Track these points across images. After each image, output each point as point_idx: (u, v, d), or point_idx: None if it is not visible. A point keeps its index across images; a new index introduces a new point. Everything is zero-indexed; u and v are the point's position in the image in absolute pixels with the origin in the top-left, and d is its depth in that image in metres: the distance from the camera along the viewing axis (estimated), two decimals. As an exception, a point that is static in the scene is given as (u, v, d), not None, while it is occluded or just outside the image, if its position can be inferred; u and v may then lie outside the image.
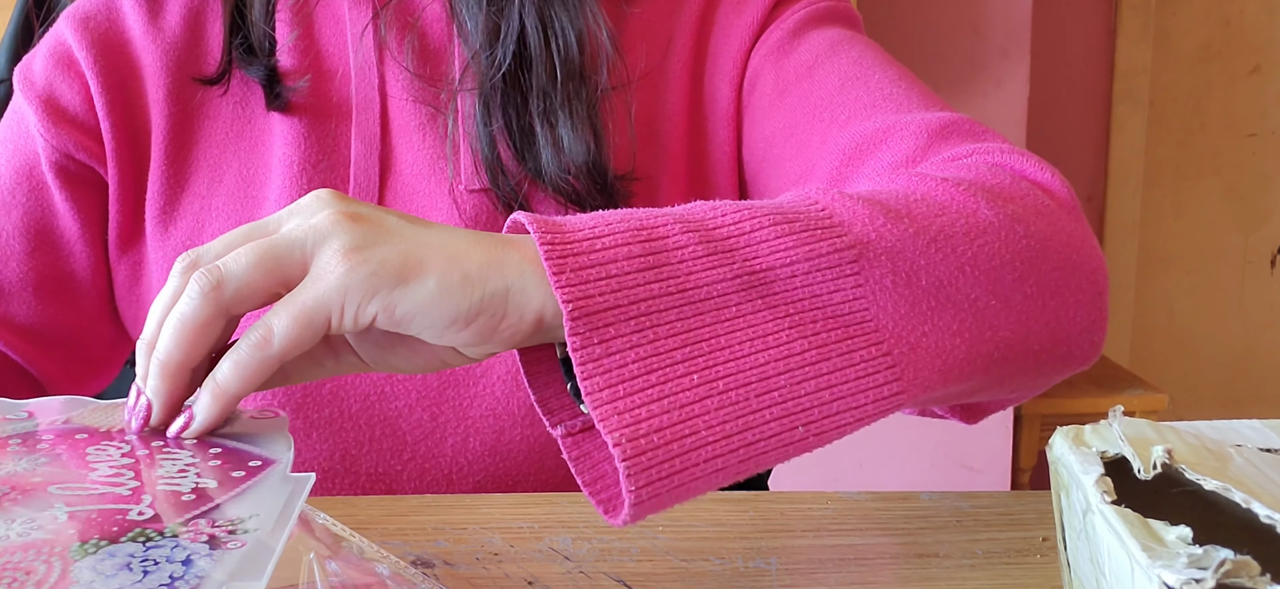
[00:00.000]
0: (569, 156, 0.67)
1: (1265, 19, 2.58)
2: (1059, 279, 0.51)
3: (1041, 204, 0.53)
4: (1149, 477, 0.38)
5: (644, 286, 0.42)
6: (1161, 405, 2.16)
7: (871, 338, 0.44)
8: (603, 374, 0.40)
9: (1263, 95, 2.60)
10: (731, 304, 0.43)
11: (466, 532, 0.55)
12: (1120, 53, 2.53)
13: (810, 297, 0.44)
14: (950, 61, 2.09)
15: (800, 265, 0.44)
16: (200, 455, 0.43)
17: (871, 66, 0.68)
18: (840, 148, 0.64)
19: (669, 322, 0.42)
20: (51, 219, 0.71)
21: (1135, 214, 2.59)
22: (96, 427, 0.45)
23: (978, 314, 0.48)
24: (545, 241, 0.42)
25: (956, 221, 0.49)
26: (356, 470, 0.68)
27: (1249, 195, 2.64)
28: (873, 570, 0.52)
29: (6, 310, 0.70)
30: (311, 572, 0.40)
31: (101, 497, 0.38)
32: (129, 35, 0.72)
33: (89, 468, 0.41)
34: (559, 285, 0.41)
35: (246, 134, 0.72)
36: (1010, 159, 0.56)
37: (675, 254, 0.43)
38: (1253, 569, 0.31)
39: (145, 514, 0.37)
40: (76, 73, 0.71)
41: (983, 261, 0.48)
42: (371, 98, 0.71)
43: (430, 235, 0.44)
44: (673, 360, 0.41)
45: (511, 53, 0.67)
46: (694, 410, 0.41)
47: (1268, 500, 0.35)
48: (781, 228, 0.45)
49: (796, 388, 0.42)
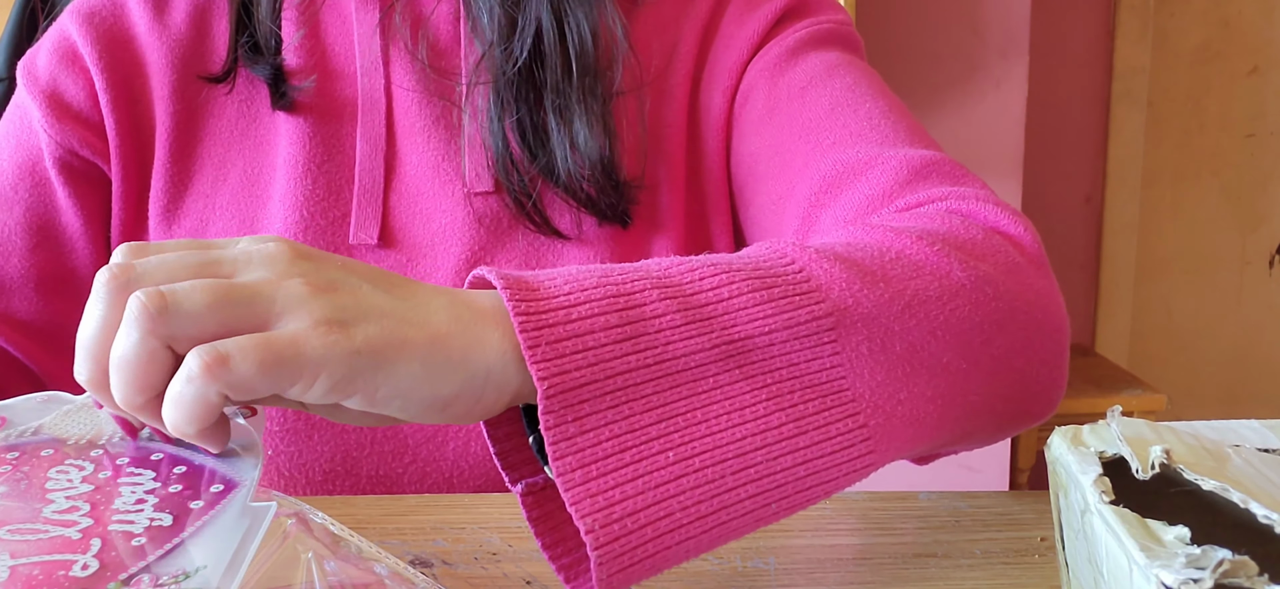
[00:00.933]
0: (583, 154, 0.67)
1: (1263, 20, 2.58)
2: (1025, 340, 0.51)
3: (1011, 260, 0.53)
4: (1147, 477, 0.38)
5: (620, 359, 0.40)
6: (1160, 406, 2.16)
7: (848, 408, 0.44)
8: (576, 454, 0.39)
9: (1261, 96, 2.61)
10: (709, 374, 0.42)
11: (465, 531, 0.55)
12: (1119, 53, 2.53)
13: (788, 366, 0.43)
14: (949, 61, 2.09)
15: (779, 333, 0.43)
16: (164, 475, 0.42)
17: (863, 95, 0.68)
18: (820, 173, 0.64)
19: (645, 395, 0.40)
20: (54, 215, 0.71)
21: (1134, 214, 2.59)
22: (65, 438, 0.44)
23: (950, 378, 0.48)
24: (519, 311, 0.40)
25: (930, 284, 0.48)
26: (358, 473, 0.68)
27: (1247, 196, 2.64)
28: (871, 570, 0.52)
29: (7, 306, 0.70)
30: (309, 571, 0.40)
31: (50, 542, 0.38)
32: (134, 31, 0.72)
33: (45, 498, 0.40)
34: (534, 361, 0.39)
35: (251, 133, 0.71)
36: (983, 209, 0.56)
37: (652, 323, 0.41)
38: (1250, 569, 0.31)
39: (90, 567, 0.36)
40: (81, 68, 0.71)
41: (954, 325, 0.48)
42: (377, 98, 0.71)
43: (409, 309, 0.41)
44: (648, 436, 0.40)
45: (528, 47, 0.67)
46: (669, 490, 0.40)
47: (1266, 500, 0.35)
48: (760, 295, 0.43)
49: (773, 464, 0.42)
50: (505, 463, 0.46)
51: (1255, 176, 2.63)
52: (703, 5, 0.74)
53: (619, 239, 0.70)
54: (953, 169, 0.61)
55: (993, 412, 0.51)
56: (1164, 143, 2.61)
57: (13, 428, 0.45)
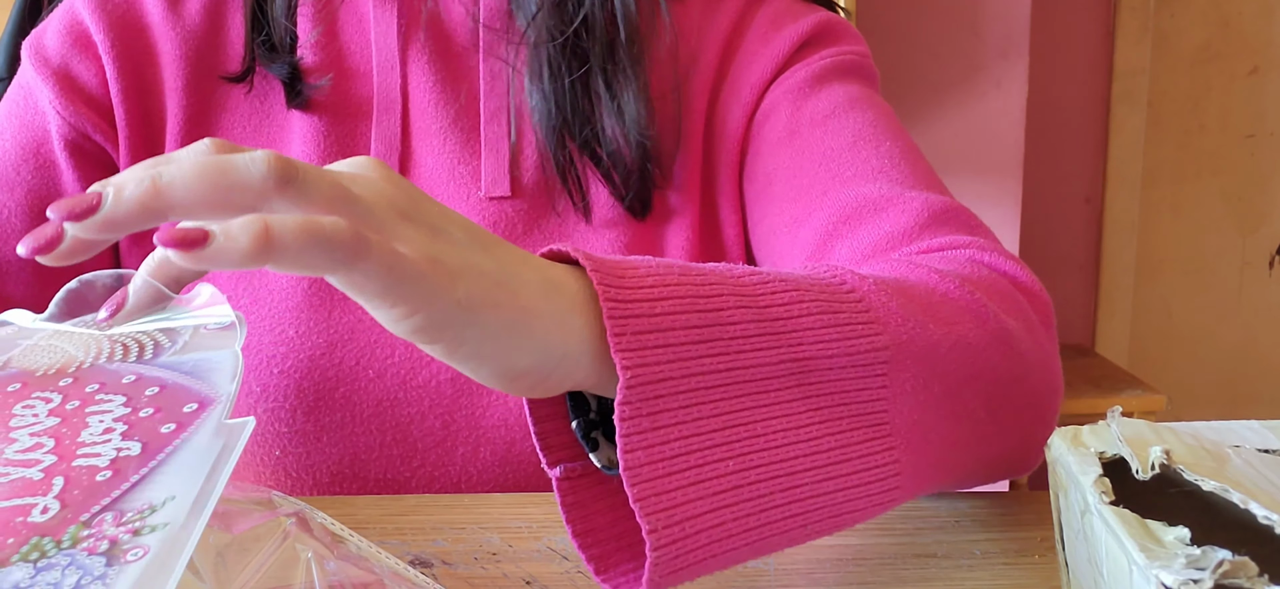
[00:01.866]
0: (630, 127, 0.68)
1: (1264, 20, 2.58)
2: (1033, 399, 0.53)
3: (1028, 318, 0.55)
4: (1147, 477, 0.38)
5: (697, 360, 0.41)
6: (1160, 406, 2.16)
7: (887, 441, 0.45)
8: (646, 450, 0.39)
9: (1261, 96, 2.61)
10: (772, 388, 0.42)
11: (465, 532, 0.55)
12: (1119, 54, 2.53)
13: (840, 391, 0.44)
14: (949, 62, 2.09)
15: (839, 359, 0.44)
16: (134, 400, 0.38)
17: (883, 134, 0.69)
18: (839, 204, 0.65)
19: (714, 400, 0.41)
20: (58, 198, 0.70)
21: (1134, 215, 2.59)
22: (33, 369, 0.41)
23: (972, 427, 0.50)
24: (608, 297, 0.40)
25: (970, 331, 0.50)
26: (365, 476, 0.68)
27: (1247, 196, 2.64)
28: (871, 570, 0.52)
29: (5, 289, 0.68)
30: (309, 571, 0.40)
31: (10, 486, 0.35)
32: (148, 21, 0.71)
33: (9, 438, 0.37)
34: (619, 349, 0.39)
35: (264, 130, 0.71)
36: (1003, 262, 0.58)
37: (729, 329, 0.42)
38: (1250, 570, 0.31)
39: (50, 510, 0.34)
40: (92, 52, 0.70)
41: (985, 375, 0.50)
42: (394, 99, 0.71)
43: (504, 273, 0.39)
44: (713, 442, 0.40)
45: (585, 8, 0.68)
46: (726, 498, 0.40)
47: (1265, 501, 0.35)
48: (826, 318, 0.44)
49: (817, 487, 0.43)
50: (544, 444, 0.46)
51: (1255, 177, 2.63)
52: (726, 17, 0.74)
53: (634, 235, 0.70)
54: (969, 218, 0.63)
55: (992, 462, 0.53)
56: (1164, 143, 2.61)
57: None
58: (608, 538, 0.45)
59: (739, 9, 0.75)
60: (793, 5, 0.75)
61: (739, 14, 0.75)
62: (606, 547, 0.45)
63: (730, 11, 0.75)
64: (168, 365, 0.40)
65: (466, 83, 0.71)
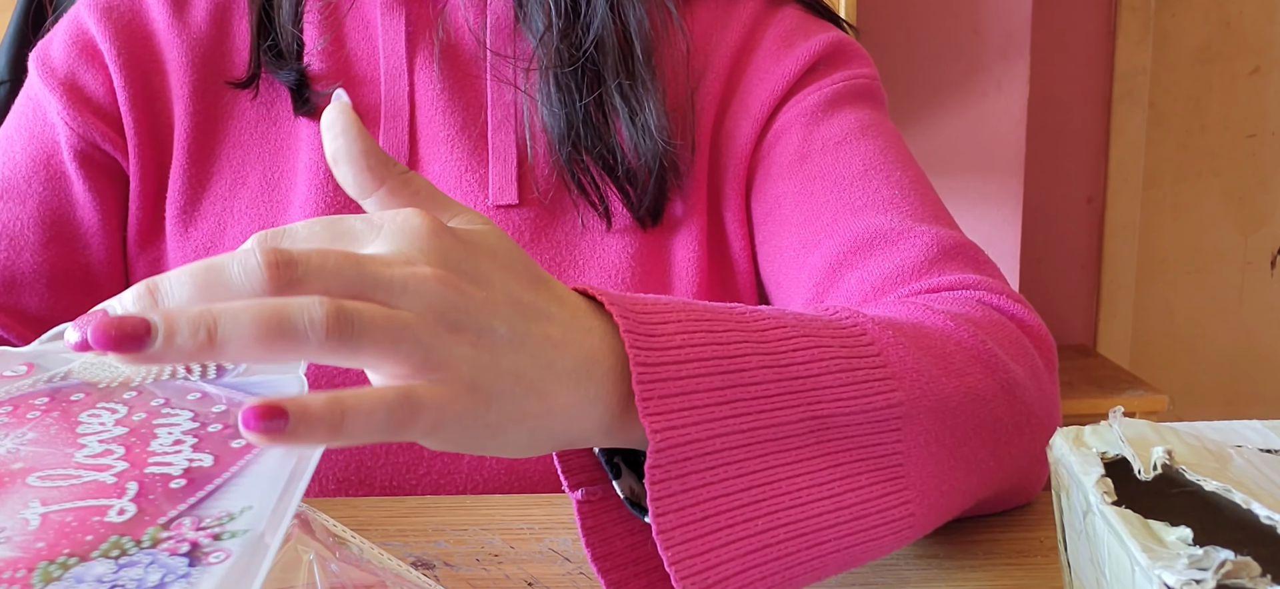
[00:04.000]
0: (653, 137, 0.68)
1: (1265, 20, 2.58)
2: (1033, 445, 0.54)
3: (1033, 363, 0.56)
4: (1149, 478, 0.38)
5: (722, 422, 0.41)
6: (1161, 406, 2.16)
7: (902, 494, 0.46)
8: (678, 512, 0.40)
9: (1262, 96, 2.60)
10: (794, 446, 0.43)
11: (467, 533, 0.55)
12: (1120, 53, 2.53)
13: (859, 446, 0.45)
14: (950, 62, 2.09)
15: (857, 416, 0.45)
16: (202, 415, 0.40)
17: (894, 163, 0.69)
18: (851, 233, 0.65)
19: (739, 459, 0.42)
20: (70, 210, 0.69)
21: (1135, 215, 2.59)
22: (96, 382, 0.42)
23: (980, 477, 0.51)
24: (638, 361, 0.40)
25: (981, 382, 0.51)
26: (371, 482, 0.68)
27: (1249, 196, 2.64)
28: (872, 571, 0.52)
29: (19, 302, 0.68)
30: (311, 572, 0.40)
31: (83, 487, 0.36)
32: (153, 28, 0.71)
33: (77, 443, 0.39)
34: (647, 412, 0.40)
35: (271, 137, 0.71)
36: (1010, 305, 0.59)
37: (751, 389, 0.42)
38: (1253, 570, 0.31)
39: (127, 512, 0.35)
40: (99, 62, 0.70)
41: (992, 425, 0.51)
42: (401, 106, 0.71)
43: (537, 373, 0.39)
44: (741, 503, 0.41)
45: (596, 29, 0.67)
46: (755, 559, 0.41)
47: (1268, 501, 0.35)
48: (845, 375, 0.45)
49: (841, 541, 0.44)
50: (565, 467, 0.46)
51: (1256, 177, 2.63)
52: (736, 29, 0.74)
53: (642, 244, 0.70)
54: (977, 254, 0.64)
55: (993, 500, 0.55)
56: (1165, 143, 2.60)
57: (41, 373, 0.42)
58: (626, 562, 0.46)
59: (749, 22, 0.74)
60: (804, 22, 0.75)
61: (749, 27, 0.74)
62: (625, 571, 0.46)
63: (740, 23, 0.74)
64: (232, 385, 0.41)
65: (474, 90, 0.71)
